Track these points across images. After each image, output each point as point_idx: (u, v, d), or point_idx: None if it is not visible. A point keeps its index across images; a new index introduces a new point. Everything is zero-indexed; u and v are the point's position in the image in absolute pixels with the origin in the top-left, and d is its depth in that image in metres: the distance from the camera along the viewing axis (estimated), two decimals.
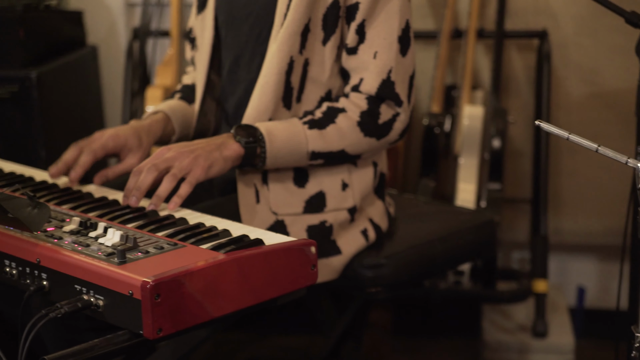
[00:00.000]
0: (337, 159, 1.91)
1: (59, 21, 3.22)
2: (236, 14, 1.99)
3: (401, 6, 1.89)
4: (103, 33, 3.49)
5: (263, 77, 1.89)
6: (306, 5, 1.86)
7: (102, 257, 1.45)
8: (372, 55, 1.89)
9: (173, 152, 1.77)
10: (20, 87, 2.84)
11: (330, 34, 1.89)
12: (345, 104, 1.90)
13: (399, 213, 2.21)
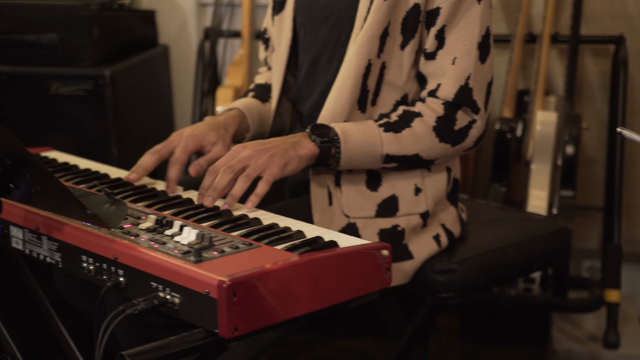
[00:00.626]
0: (411, 163, 1.90)
1: (132, 20, 3.25)
2: (316, 15, 1.98)
3: (482, 12, 1.87)
4: (175, 33, 3.51)
5: (340, 79, 1.88)
6: (387, 9, 1.85)
7: (179, 255, 1.45)
8: (451, 61, 1.87)
9: (249, 150, 1.77)
10: (93, 85, 2.87)
11: (409, 38, 1.88)
12: (422, 109, 1.88)
13: (470, 218, 2.19)
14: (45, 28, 2.89)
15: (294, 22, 2.05)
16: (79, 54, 2.91)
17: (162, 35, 3.48)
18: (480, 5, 1.87)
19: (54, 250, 1.63)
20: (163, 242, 1.51)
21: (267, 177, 1.75)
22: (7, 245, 1.75)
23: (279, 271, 1.41)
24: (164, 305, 1.42)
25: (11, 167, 1.51)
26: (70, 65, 2.90)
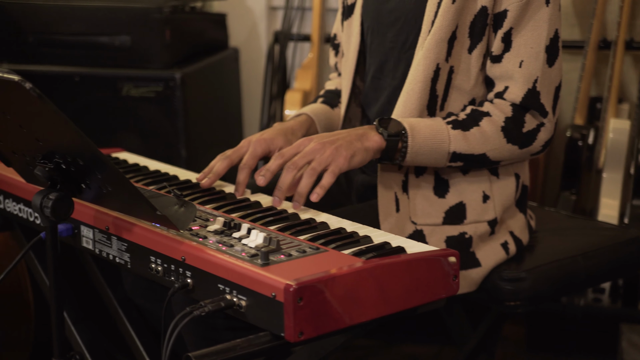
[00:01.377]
0: (477, 162, 1.87)
1: (203, 23, 3.28)
2: (383, 20, 1.98)
3: (551, 15, 1.85)
4: (245, 36, 3.53)
5: (409, 84, 1.87)
6: (454, 12, 1.83)
7: (246, 258, 1.45)
8: (518, 64, 1.85)
9: (314, 142, 1.77)
10: (164, 87, 2.90)
11: (476, 42, 1.86)
12: (490, 109, 1.86)
13: (539, 226, 2.16)
14: (118, 30, 2.93)
15: (362, 27, 2.04)
16: (151, 56, 2.94)
17: (232, 38, 3.50)
18: (548, 7, 1.84)
19: (123, 251, 1.65)
20: (231, 245, 1.52)
21: (332, 168, 1.74)
22: (77, 244, 1.78)
23: (346, 276, 1.40)
24: (230, 307, 1.42)
25: (83, 168, 1.53)
26: (141, 67, 2.93)
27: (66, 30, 2.96)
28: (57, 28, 2.96)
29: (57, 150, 1.53)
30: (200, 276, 1.49)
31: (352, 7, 2.08)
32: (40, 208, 1.54)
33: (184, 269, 1.52)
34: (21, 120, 1.52)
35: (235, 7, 3.49)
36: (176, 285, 1.50)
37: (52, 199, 1.53)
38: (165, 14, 2.93)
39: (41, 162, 1.56)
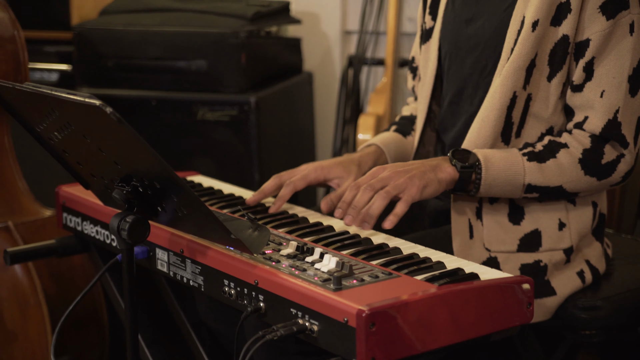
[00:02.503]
0: (553, 194, 1.86)
1: (278, 48, 3.31)
2: (462, 45, 1.97)
3: (635, 44, 1.82)
4: (319, 60, 3.55)
5: (483, 110, 1.86)
6: (534, 40, 1.82)
7: (319, 283, 1.46)
8: (599, 94, 1.82)
9: (388, 171, 1.78)
10: (239, 111, 2.93)
11: (556, 70, 1.84)
12: (568, 140, 1.84)
13: (616, 254, 2.12)
14: (195, 55, 2.97)
15: (439, 52, 2.04)
16: (226, 80, 2.98)
17: (306, 63, 3.52)
18: (632, 37, 1.82)
19: (197, 274, 1.67)
20: (303, 269, 1.53)
21: (405, 197, 1.75)
22: (152, 267, 1.80)
23: (418, 302, 1.40)
24: (302, 332, 1.43)
25: (160, 191, 1.55)
26: (217, 91, 2.97)
27: (144, 55, 3.01)
28: (135, 53, 3.02)
29: (134, 174, 1.56)
30: (273, 300, 1.50)
31: (430, 31, 2.08)
32: (118, 231, 1.56)
33: (256, 293, 1.53)
34: (101, 143, 1.55)
35: (309, 31, 3.52)
36: (249, 309, 1.51)
37: (129, 222, 1.55)
38: (241, 39, 2.97)
39: (119, 185, 1.59)
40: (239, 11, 3.10)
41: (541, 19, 1.81)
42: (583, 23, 1.82)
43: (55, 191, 2.13)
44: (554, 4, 1.82)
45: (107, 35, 3.03)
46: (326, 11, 3.51)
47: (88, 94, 1.44)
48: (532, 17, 1.82)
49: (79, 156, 1.67)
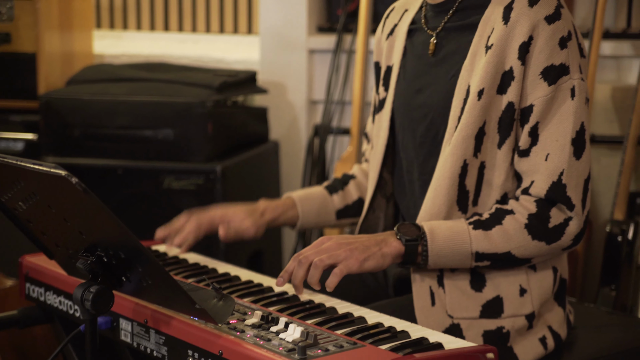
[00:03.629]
0: (504, 261, 1.88)
1: (244, 117, 3.33)
2: (413, 115, 2.01)
3: (577, 108, 1.86)
4: (285, 129, 3.58)
5: (436, 179, 1.90)
6: (481, 109, 1.86)
7: (283, 353, 1.46)
8: (544, 157, 1.86)
9: (332, 242, 1.81)
10: (205, 180, 2.94)
11: (505, 137, 1.88)
12: (514, 206, 1.87)
13: (579, 322, 2.13)
14: (162, 124, 2.99)
15: (392, 121, 2.08)
16: (193, 149, 2.99)
17: (273, 131, 3.55)
18: (574, 100, 1.86)
19: (161, 344, 1.66)
20: (268, 339, 1.52)
21: (341, 267, 1.78)
22: (116, 337, 1.79)
23: None
24: None
25: (125, 261, 1.55)
26: (183, 160, 2.98)
27: (111, 124, 3.02)
28: (102, 122, 3.03)
29: (99, 244, 1.56)
30: None
31: (383, 101, 2.12)
32: (81, 301, 1.56)
33: None
34: (66, 213, 1.55)
35: (276, 100, 3.55)
36: None
37: (92, 292, 1.55)
38: (207, 109, 2.99)
39: (83, 255, 1.59)
40: (206, 81, 3.12)
41: (486, 87, 1.85)
42: (526, 89, 1.86)
43: (19, 261, 2.12)
44: (498, 73, 1.86)
45: (74, 105, 3.04)
46: (292, 81, 3.55)
47: (53, 164, 1.44)
48: (478, 86, 1.86)
49: (43, 226, 1.67)
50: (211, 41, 3.85)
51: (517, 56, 1.84)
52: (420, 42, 2.02)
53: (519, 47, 1.84)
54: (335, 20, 3.55)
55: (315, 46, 3.51)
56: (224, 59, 3.64)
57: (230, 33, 3.88)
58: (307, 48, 3.50)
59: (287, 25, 3.50)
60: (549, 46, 1.84)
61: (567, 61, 1.86)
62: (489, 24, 1.89)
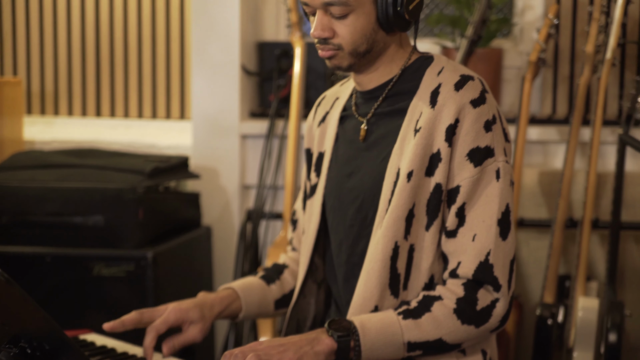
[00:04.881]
0: (436, 349, 1.88)
1: (176, 202, 3.32)
2: (343, 198, 2.02)
3: (502, 189, 1.90)
4: (218, 214, 3.57)
5: (368, 262, 1.90)
6: (410, 191, 1.88)
7: None
8: (471, 238, 1.88)
9: (264, 345, 1.80)
10: (135, 267, 2.91)
11: (433, 219, 1.90)
12: (442, 292, 1.88)
13: None
14: (92, 210, 2.96)
15: (324, 206, 2.09)
16: (124, 235, 2.96)
17: (205, 217, 3.54)
18: (499, 182, 1.89)
19: None
20: None
21: None
22: None
23: None
24: None
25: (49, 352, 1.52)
26: (114, 247, 2.95)
27: (40, 211, 2.99)
28: (31, 209, 2.99)
29: (23, 335, 1.53)
30: None
31: (314, 187, 2.13)
32: None
33: None
34: None
35: (208, 186, 3.55)
36: None
37: None
38: (138, 194, 2.97)
39: (6, 347, 1.55)
40: (137, 167, 3.11)
41: (415, 169, 1.88)
42: (453, 171, 1.89)
43: None
44: (426, 155, 1.89)
45: (2, 192, 3.01)
46: (225, 166, 3.55)
47: None
48: (407, 168, 1.88)
49: None
50: (143, 126, 3.85)
51: (444, 138, 1.88)
52: (352, 128, 2.05)
53: (446, 130, 1.88)
54: (267, 105, 3.59)
55: (248, 131, 3.53)
56: (156, 144, 3.64)
57: (163, 118, 3.89)
58: (239, 133, 3.52)
59: (220, 111, 3.52)
60: (475, 129, 1.88)
61: (492, 144, 1.89)
62: (417, 108, 1.93)
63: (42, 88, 3.96)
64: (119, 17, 3.86)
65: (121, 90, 3.91)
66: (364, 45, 1.92)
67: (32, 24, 3.92)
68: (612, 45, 3.06)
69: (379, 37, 1.94)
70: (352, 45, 1.92)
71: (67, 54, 3.92)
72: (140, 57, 3.87)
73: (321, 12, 1.91)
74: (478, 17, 3.16)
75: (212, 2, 3.49)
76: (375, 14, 1.91)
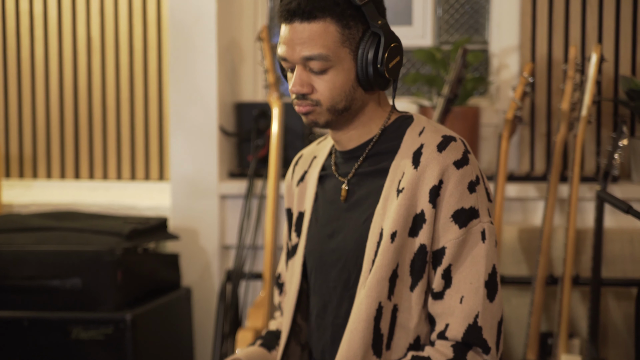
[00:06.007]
0: None
1: (155, 264, 3.30)
2: (326, 259, 2.01)
3: (487, 251, 1.89)
4: (197, 275, 3.55)
5: (352, 323, 1.89)
6: (393, 251, 1.87)
7: None
8: (459, 300, 1.87)
9: None
10: (114, 330, 2.88)
11: (417, 280, 1.89)
12: (431, 353, 1.87)
13: None
14: (70, 273, 2.94)
15: (304, 267, 2.08)
16: (102, 298, 2.94)
17: (185, 277, 3.51)
18: (485, 243, 1.89)
19: None
20: None
21: None
22: None
23: None
24: None
25: None
26: (92, 310, 2.92)
27: (18, 274, 2.96)
28: (8, 273, 2.97)
29: None
30: None
31: (295, 247, 2.12)
32: None
33: None
34: None
35: (188, 246, 3.53)
36: None
37: None
38: (117, 257, 2.95)
39: None
40: (115, 229, 3.10)
41: (399, 230, 1.87)
42: (438, 232, 1.88)
43: None
44: (410, 216, 1.88)
45: None
46: (204, 226, 3.54)
47: None
48: (390, 228, 1.88)
49: None
50: (122, 188, 3.84)
51: (428, 199, 1.87)
52: (332, 187, 2.04)
53: (430, 191, 1.87)
54: (246, 165, 3.59)
55: (227, 191, 3.53)
56: (135, 205, 3.63)
57: (142, 180, 3.87)
58: (218, 193, 3.52)
59: (199, 172, 3.52)
60: (459, 190, 1.88)
61: (476, 205, 1.89)
62: (399, 169, 1.92)
63: (20, 151, 3.95)
64: (97, 79, 3.86)
65: (100, 152, 3.90)
66: (342, 102, 1.92)
67: (10, 87, 3.92)
68: (588, 102, 3.09)
69: (357, 95, 1.94)
70: (330, 101, 1.92)
71: (45, 116, 3.92)
72: (118, 119, 3.87)
73: (300, 67, 1.91)
74: (454, 76, 3.19)
75: (189, 64, 3.51)
76: (355, 71, 1.92)
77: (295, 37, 1.89)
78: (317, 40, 1.88)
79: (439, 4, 3.70)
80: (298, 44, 1.89)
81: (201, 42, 3.50)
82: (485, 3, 3.66)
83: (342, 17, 1.89)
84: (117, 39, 3.83)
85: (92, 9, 3.84)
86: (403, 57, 1.96)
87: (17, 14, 3.87)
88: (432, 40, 3.69)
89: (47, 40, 3.88)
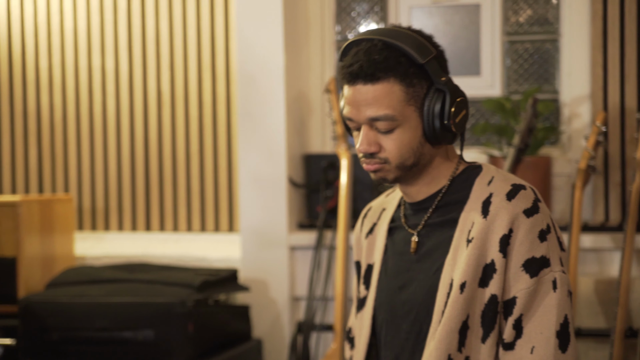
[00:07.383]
0: None
1: (226, 316, 3.30)
2: (396, 311, 1.99)
3: (559, 300, 1.86)
4: (268, 326, 3.54)
5: None
6: (463, 302, 1.85)
7: None
8: (529, 350, 1.84)
9: None
10: None
11: (489, 331, 1.86)
12: None
13: None
14: (142, 325, 2.96)
15: (374, 320, 2.06)
16: (174, 349, 2.95)
17: (255, 329, 3.51)
18: (556, 293, 1.85)
19: None
20: None
21: None
22: None
23: None
24: None
25: None
26: None
27: (90, 326, 2.99)
28: (81, 325, 3.00)
29: None
30: None
31: (364, 300, 2.10)
32: None
33: None
34: None
35: (258, 298, 3.53)
36: None
37: None
38: (188, 308, 2.96)
39: None
40: (186, 280, 3.11)
41: (468, 280, 1.85)
42: (509, 282, 1.85)
43: None
44: (479, 266, 1.86)
45: (53, 308, 3.02)
46: (274, 278, 3.54)
47: None
48: (460, 279, 1.85)
49: None
50: (192, 240, 3.87)
51: (498, 249, 1.85)
52: (401, 239, 2.03)
53: (500, 240, 1.85)
54: (315, 216, 3.59)
55: (296, 243, 3.53)
56: (205, 257, 3.65)
57: (212, 231, 3.90)
58: (288, 245, 3.52)
59: (268, 223, 3.52)
60: (529, 239, 1.85)
61: (547, 254, 1.86)
62: (468, 219, 1.91)
63: (92, 204, 4.00)
64: (167, 132, 3.91)
65: (170, 204, 3.94)
66: (411, 159, 1.92)
67: (82, 141, 3.99)
68: None
69: (425, 150, 1.93)
70: (399, 159, 1.91)
71: (117, 170, 3.98)
72: (188, 172, 3.91)
73: (366, 127, 1.91)
74: (525, 126, 3.16)
75: (258, 116, 3.53)
76: (421, 128, 1.91)
77: (360, 98, 1.89)
78: (382, 101, 1.87)
79: (507, 54, 3.68)
80: (363, 105, 1.89)
81: (270, 94, 3.53)
82: (555, 52, 3.63)
83: (406, 76, 1.88)
84: (186, 93, 3.88)
85: (162, 63, 3.90)
86: (469, 110, 1.94)
87: (90, 70, 3.95)
88: (501, 90, 3.67)
89: (119, 94, 3.95)
